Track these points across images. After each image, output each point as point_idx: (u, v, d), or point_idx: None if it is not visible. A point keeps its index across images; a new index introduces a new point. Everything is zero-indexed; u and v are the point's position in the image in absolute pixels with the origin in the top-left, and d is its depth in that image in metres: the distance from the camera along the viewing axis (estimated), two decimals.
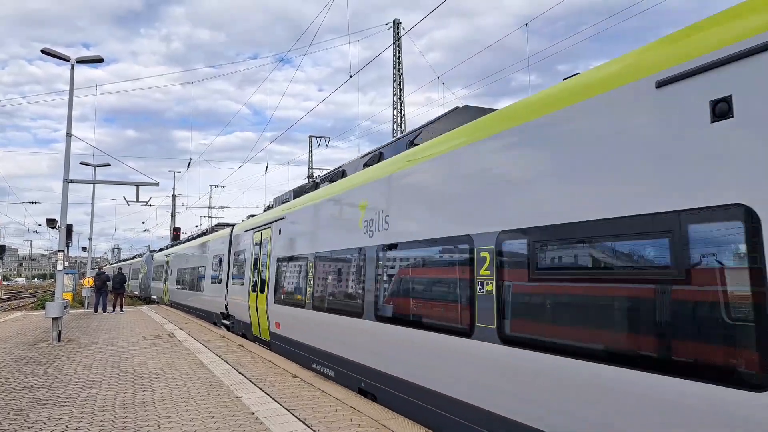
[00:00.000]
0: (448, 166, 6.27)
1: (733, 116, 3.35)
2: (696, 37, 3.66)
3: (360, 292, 8.13)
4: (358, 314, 8.08)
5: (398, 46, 31.11)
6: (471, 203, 5.74)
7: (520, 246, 4.93)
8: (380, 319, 7.46)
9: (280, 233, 12.63)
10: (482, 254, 5.33)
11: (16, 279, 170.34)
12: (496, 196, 5.36)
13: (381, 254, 7.60)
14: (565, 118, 4.58)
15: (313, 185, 12.17)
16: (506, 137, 5.32)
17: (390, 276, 7.40)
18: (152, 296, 38.38)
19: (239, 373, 9.76)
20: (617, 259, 4.09)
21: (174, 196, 54.64)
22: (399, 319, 6.96)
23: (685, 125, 3.61)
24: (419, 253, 6.71)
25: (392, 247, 7.33)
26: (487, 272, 5.22)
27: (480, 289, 5.33)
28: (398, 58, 31.42)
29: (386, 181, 7.79)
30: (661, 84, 3.73)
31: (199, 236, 28.76)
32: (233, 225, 20.24)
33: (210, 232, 25.55)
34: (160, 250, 42.24)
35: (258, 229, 14.91)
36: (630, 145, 3.97)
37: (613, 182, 4.09)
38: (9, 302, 50.36)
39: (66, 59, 16.85)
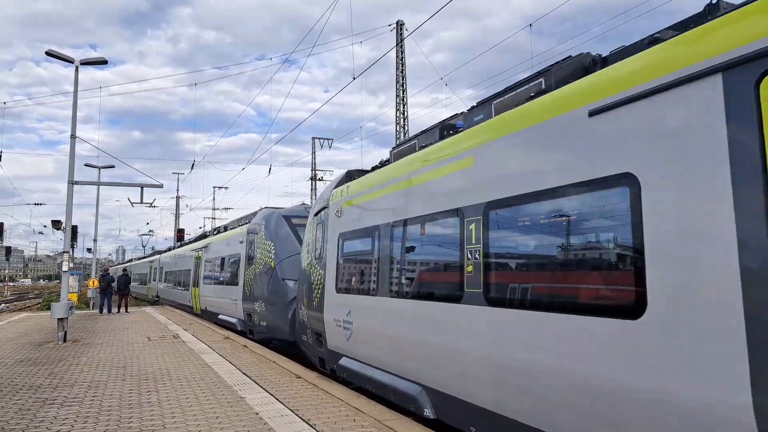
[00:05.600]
0: None
1: None
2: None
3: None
4: None
5: (401, 47, 31.15)
6: None
7: None
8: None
9: None
10: None
11: (22, 280, 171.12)
12: None
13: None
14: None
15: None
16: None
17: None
18: (328, 347, 9.60)
19: (243, 373, 9.81)
20: None
21: (178, 197, 54.81)
22: None
23: None
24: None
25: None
26: None
27: None
28: (401, 60, 31.46)
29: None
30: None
31: None
32: None
33: None
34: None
35: None
36: None
37: None
38: (15, 303, 50.64)
39: (70, 61, 16.96)
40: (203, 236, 28.60)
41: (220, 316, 20.20)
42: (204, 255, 24.03)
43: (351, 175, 10.16)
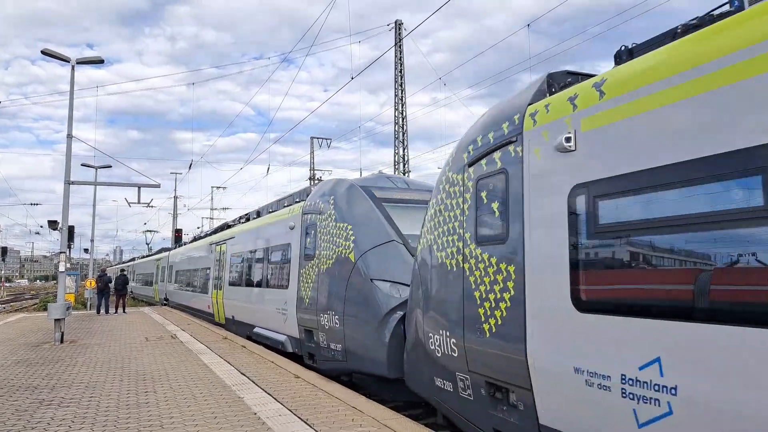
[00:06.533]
0: None
1: None
2: None
3: None
4: None
5: (400, 47, 31.13)
6: None
7: None
8: None
9: None
10: None
11: (18, 280, 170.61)
12: None
13: None
14: None
15: None
16: None
17: None
18: None
19: (241, 373, 9.77)
20: None
21: (175, 197, 54.68)
22: None
23: None
24: None
25: None
26: None
27: None
28: (400, 59, 31.46)
29: None
30: None
31: None
32: None
33: None
34: None
35: None
36: None
37: None
38: (11, 304, 50.49)
39: (66, 60, 16.86)
40: (225, 226, 22.20)
41: (256, 330, 14.90)
42: (230, 248, 18.74)
43: (557, 79, 5.53)
